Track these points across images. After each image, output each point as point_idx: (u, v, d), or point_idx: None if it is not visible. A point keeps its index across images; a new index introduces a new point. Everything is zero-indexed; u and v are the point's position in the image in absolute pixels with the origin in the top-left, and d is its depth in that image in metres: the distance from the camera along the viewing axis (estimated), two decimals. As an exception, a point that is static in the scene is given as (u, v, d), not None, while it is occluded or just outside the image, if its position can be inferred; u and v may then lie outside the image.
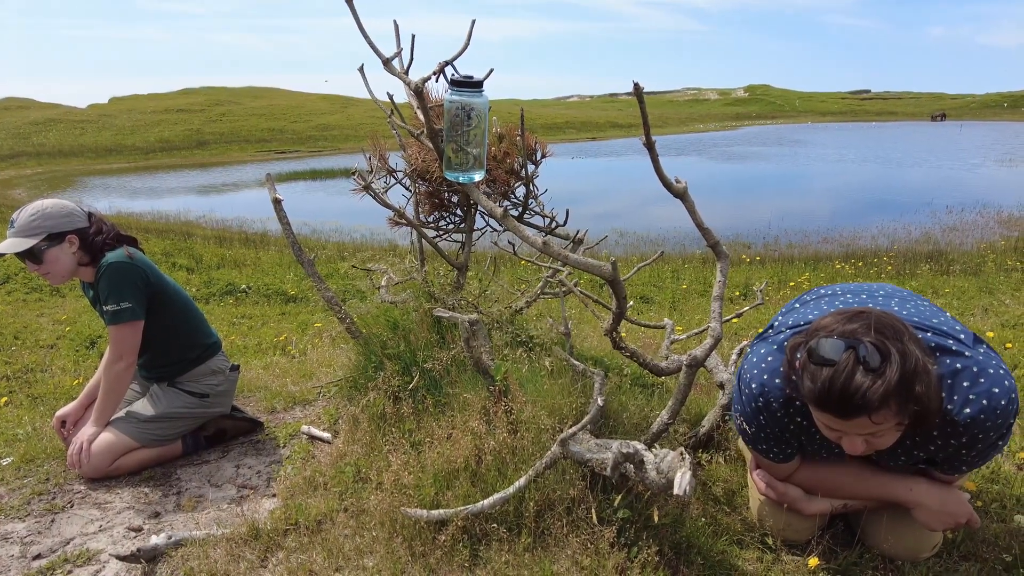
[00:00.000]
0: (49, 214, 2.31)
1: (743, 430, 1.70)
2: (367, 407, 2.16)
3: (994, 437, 1.44)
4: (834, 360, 1.29)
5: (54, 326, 5.69)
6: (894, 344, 1.29)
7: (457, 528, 1.57)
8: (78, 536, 2.08)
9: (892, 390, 1.25)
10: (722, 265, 2.00)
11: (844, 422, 1.33)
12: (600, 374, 1.94)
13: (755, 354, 1.65)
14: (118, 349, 2.38)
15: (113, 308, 2.33)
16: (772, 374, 1.57)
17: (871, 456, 1.67)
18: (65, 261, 2.34)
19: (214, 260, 8.22)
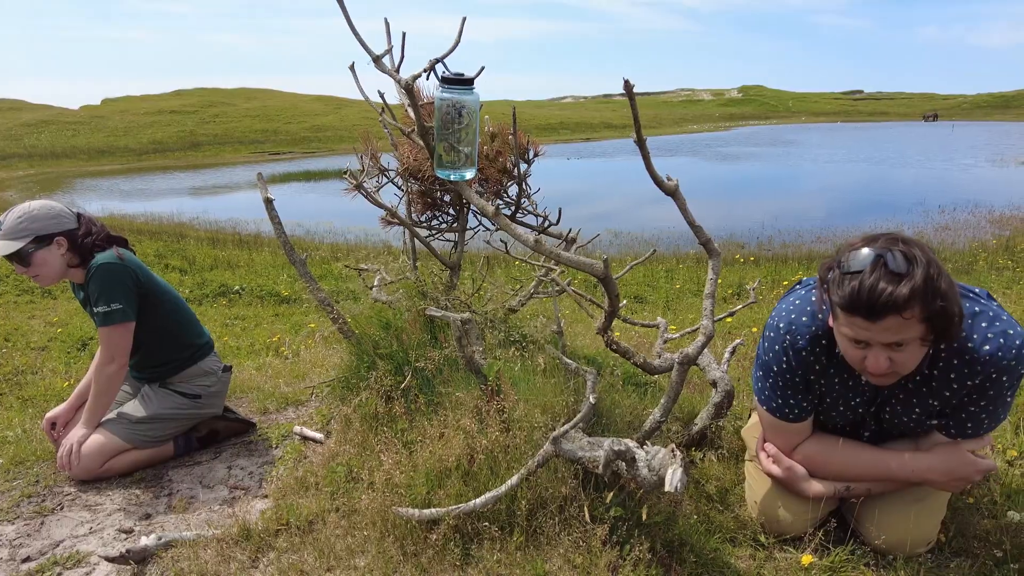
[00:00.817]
0: (36, 216, 2.29)
1: (762, 388, 1.78)
2: (359, 407, 2.15)
3: (1006, 383, 1.52)
4: (864, 268, 1.39)
5: (45, 328, 5.65)
6: (920, 252, 1.39)
7: (449, 527, 1.57)
8: (68, 538, 2.06)
9: (918, 288, 1.34)
10: (714, 263, 2.00)
11: (873, 325, 1.40)
12: (592, 372, 1.94)
13: (783, 301, 1.76)
14: (109, 351, 2.36)
15: (104, 309, 2.31)
16: (800, 313, 1.67)
17: (881, 417, 1.73)
18: (53, 263, 2.32)
19: (207, 261, 8.19)
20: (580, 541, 1.58)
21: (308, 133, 46.65)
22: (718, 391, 2.33)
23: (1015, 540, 1.77)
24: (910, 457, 1.69)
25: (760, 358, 1.81)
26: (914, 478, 1.69)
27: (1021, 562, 1.69)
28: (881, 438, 1.80)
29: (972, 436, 1.64)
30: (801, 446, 1.82)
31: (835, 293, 1.44)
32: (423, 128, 1.69)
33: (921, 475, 1.67)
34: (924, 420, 1.67)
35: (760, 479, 1.93)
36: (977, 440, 1.65)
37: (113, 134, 43.62)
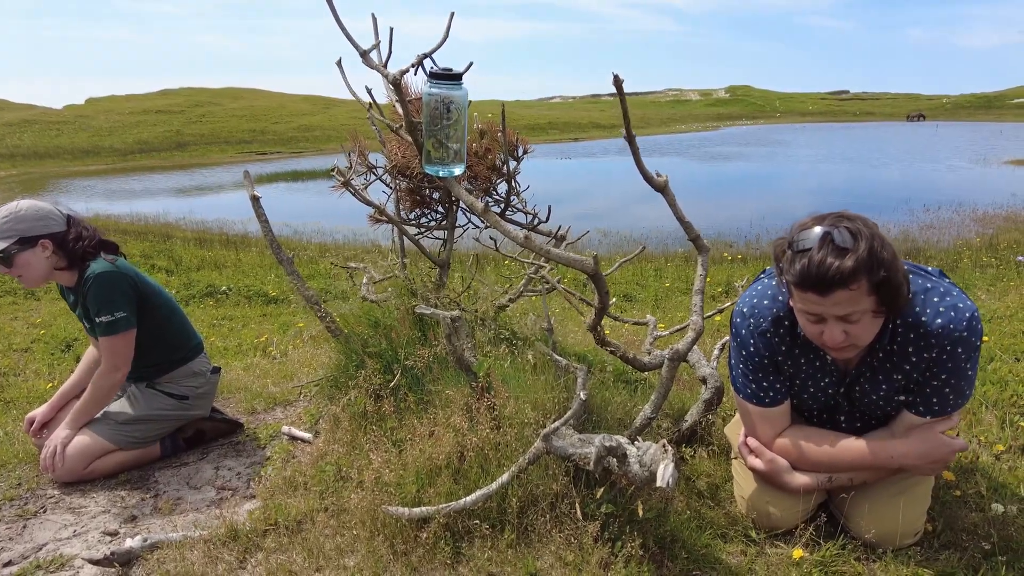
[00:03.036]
0: (22, 217, 2.24)
1: (735, 376, 1.84)
2: (348, 406, 2.13)
3: (962, 355, 1.58)
4: (812, 245, 1.45)
5: (28, 329, 5.57)
6: (864, 227, 1.47)
7: (440, 525, 1.55)
8: (51, 542, 2.03)
9: (863, 260, 1.41)
10: (703, 259, 2.00)
11: (824, 299, 1.46)
12: (583, 369, 1.93)
13: (748, 289, 1.84)
14: (114, 360, 2.34)
15: (107, 319, 2.28)
16: (761, 297, 1.75)
17: (852, 396, 1.77)
18: (38, 266, 2.27)
19: (194, 262, 8.11)
20: (572, 538, 1.57)
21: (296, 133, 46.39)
22: (708, 387, 2.33)
23: (1002, 532, 1.78)
24: (887, 443, 1.72)
25: (730, 347, 1.88)
26: (892, 464, 1.71)
27: (1008, 554, 1.70)
28: (856, 423, 1.82)
29: (940, 414, 1.68)
30: (780, 437, 1.84)
31: (788, 272, 1.51)
32: (411, 124, 1.68)
33: (899, 460, 1.70)
34: (892, 396, 1.72)
35: (746, 475, 1.94)
36: (946, 420, 1.68)
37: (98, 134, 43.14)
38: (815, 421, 1.89)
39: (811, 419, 1.89)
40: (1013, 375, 2.99)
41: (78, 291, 2.37)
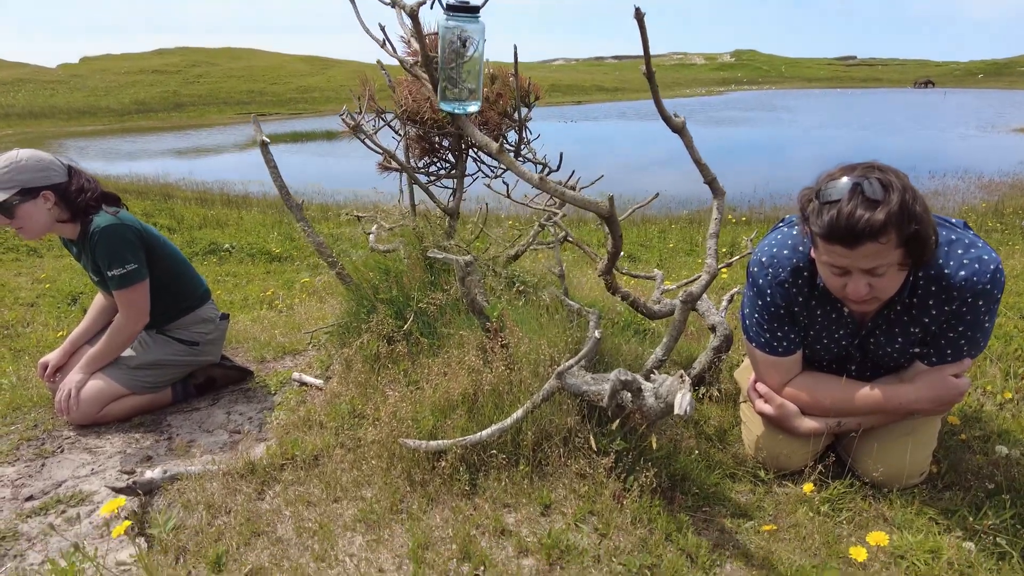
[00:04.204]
0: (23, 167, 2.21)
1: (749, 325, 1.83)
2: (360, 349, 2.14)
3: (983, 307, 1.57)
4: (841, 197, 1.42)
5: (33, 284, 5.57)
6: (896, 178, 1.43)
7: (456, 457, 1.58)
8: (70, 479, 2.06)
9: (894, 213, 1.38)
10: (718, 202, 1.99)
11: (851, 252, 1.44)
12: (595, 312, 1.94)
13: (765, 238, 1.80)
14: (131, 311, 2.35)
15: (119, 272, 2.28)
16: (781, 247, 1.72)
17: (866, 348, 1.77)
18: (39, 218, 2.25)
19: (196, 220, 8.08)
20: (585, 472, 1.60)
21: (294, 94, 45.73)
22: (717, 335, 2.35)
23: (1007, 473, 1.81)
24: (897, 388, 1.73)
25: (746, 295, 1.87)
26: (903, 408, 1.73)
27: (1012, 493, 1.73)
28: (866, 372, 1.84)
29: (952, 361, 1.68)
30: (791, 384, 1.85)
31: (814, 223, 1.47)
32: (427, 58, 1.65)
33: (909, 404, 1.71)
34: (907, 349, 1.72)
35: (755, 419, 1.96)
36: (957, 364, 1.69)
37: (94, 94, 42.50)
38: (825, 370, 1.89)
39: (821, 368, 1.90)
40: (1018, 331, 3.01)
41: (83, 244, 2.36)
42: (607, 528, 1.47)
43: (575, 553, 1.39)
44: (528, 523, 1.49)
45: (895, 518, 1.66)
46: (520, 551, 1.41)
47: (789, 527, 1.63)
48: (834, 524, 1.64)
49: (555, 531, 1.42)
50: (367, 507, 1.54)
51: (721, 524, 1.64)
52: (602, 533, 1.46)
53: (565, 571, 1.35)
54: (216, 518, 1.59)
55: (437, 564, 1.36)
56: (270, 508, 1.61)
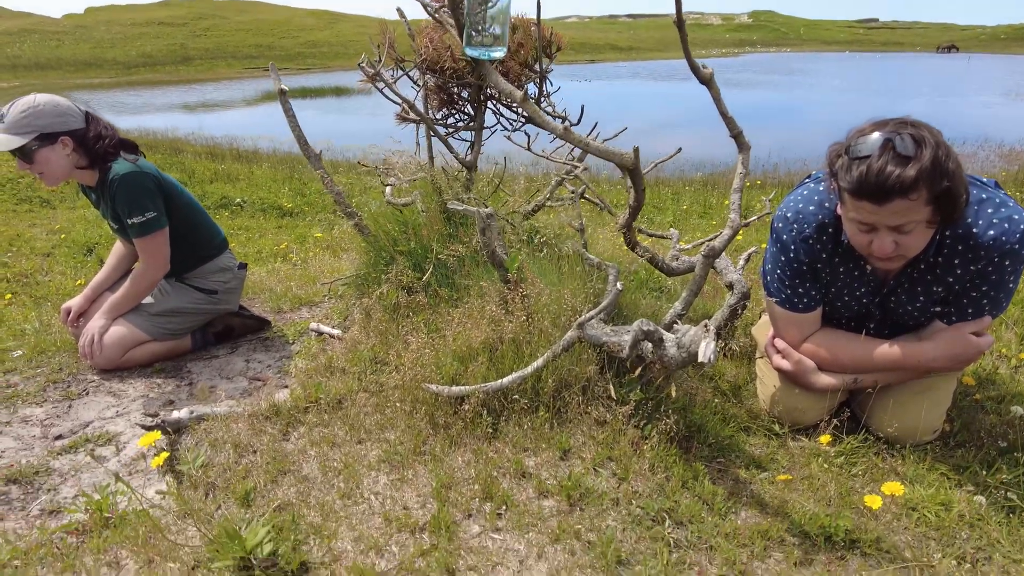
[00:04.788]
0: (42, 112, 2.20)
1: (771, 280, 1.84)
2: (380, 298, 2.16)
3: (1009, 267, 1.56)
4: (872, 152, 1.40)
5: (48, 236, 5.61)
6: (929, 134, 1.40)
7: (478, 402, 1.61)
8: (96, 420, 2.11)
9: (926, 170, 1.36)
10: (743, 157, 1.96)
11: (880, 208, 1.43)
12: (614, 267, 1.94)
13: (791, 194, 1.79)
14: (152, 259, 2.38)
15: (139, 220, 2.29)
16: (807, 202, 1.71)
17: (887, 306, 1.77)
18: (58, 163, 2.25)
19: (207, 174, 8.06)
20: (603, 419, 1.63)
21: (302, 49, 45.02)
22: (734, 293, 2.34)
23: (1021, 432, 1.83)
24: (916, 345, 1.74)
25: (769, 250, 1.87)
26: (921, 365, 1.74)
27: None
28: (884, 331, 1.84)
29: (972, 319, 1.68)
30: (810, 340, 1.86)
31: (843, 179, 1.47)
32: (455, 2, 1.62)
33: (928, 362, 1.72)
34: (928, 308, 1.72)
35: (771, 375, 1.98)
36: (977, 322, 1.68)
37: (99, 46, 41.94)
38: (843, 328, 1.90)
39: (839, 326, 1.91)
40: (1034, 296, 2.99)
41: (101, 191, 2.37)
42: (626, 473, 1.50)
43: (594, 496, 1.42)
44: (548, 467, 1.53)
45: (907, 473, 1.69)
46: (540, 493, 1.45)
47: (803, 478, 1.66)
48: (847, 477, 1.67)
49: (575, 474, 1.46)
50: (391, 448, 1.58)
51: (736, 474, 1.67)
52: (621, 478, 1.50)
53: (584, 512, 1.38)
54: (243, 457, 1.63)
55: (460, 503, 1.40)
56: (295, 448, 1.65)
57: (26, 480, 1.78)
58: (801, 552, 1.37)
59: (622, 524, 1.36)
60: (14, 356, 2.57)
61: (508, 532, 1.33)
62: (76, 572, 1.33)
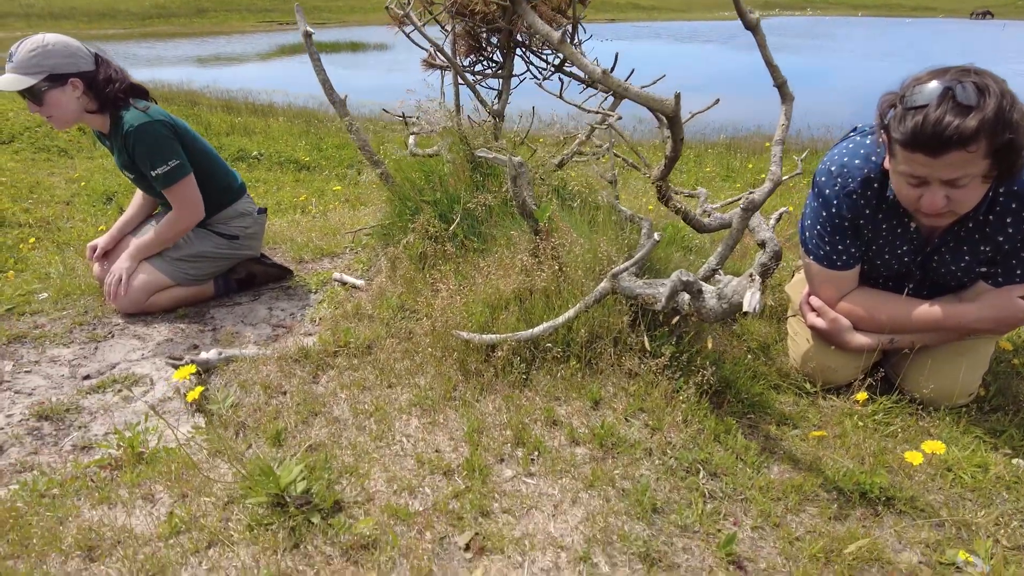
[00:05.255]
0: (50, 52, 2.15)
1: (810, 236, 1.79)
2: (407, 248, 2.13)
3: None
4: (929, 102, 1.33)
5: (67, 184, 5.61)
6: (993, 83, 1.33)
7: (509, 350, 1.59)
8: (122, 362, 2.12)
9: (988, 120, 1.29)
10: (786, 108, 1.89)
11: (934, 161, 1.37)
12: (647, 220, 1.90)
13: (835, 147, 1.73)
14: (184, 206, 2.36)
15: (164, 170, 2.27)
16: (852, 156, 1.65)
17: (929, 266, 1.72)
18: (68, 106, 2.21)
19: (223, 127, 8.00)
20: (634, 371, 1.61)
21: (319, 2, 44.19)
22: (766, 251, 2.28)
23: (1060, 398, 1.79)
24: (958, 307, 1.69)
25: (809, 206, 1.81)
26: (963, 327, 1.69)
27: (1064, 416, 1.71)
28: (923, 292, 1.79)
29: (1021, 282, 1.63)
30: (846, 299, 1.82)
31: (896, 130, 1.40)
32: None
33: (970, 324, 1.68)
34: (973, 268, 1.67)
35: (804, 333, 1.94)
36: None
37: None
38: (881, 288, 1.85)
39: (876, 286, 1.86)
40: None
41: (114, 139, 2.34)
42: (659, 424, 1.48)
43: (626, 445, 1.41)
44: (579, 416, 1.51)
45: (941, 434, 1.66)
46: (572, 440, 1.43)
47: (834, 437, 1.64)
48: (881, 436, 1.64)
49: (607, 423, 1.44)
50: (421, 393, 1.57)
51: (766, 431, 1.65)
52: (654, 428, 1.48)
53: (617, 461, 1.37)
54: (272, 398, 1.63)
55: (492, 448, 1.39)
56: (325, 391, 1.64)
57: (57, 417, 1.79)
58: (836, 507, 1.36)
59: (656, 473, 1.35)
60: (40, 298, 2.58)
61: (541, 477, 1.32)
62: (112, 504, 1.34)
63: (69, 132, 7.18)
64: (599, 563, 1.11)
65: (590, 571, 1.10)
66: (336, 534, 1.16)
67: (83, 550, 1.19)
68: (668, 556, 1.15)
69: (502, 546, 1.14)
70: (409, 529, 1.18)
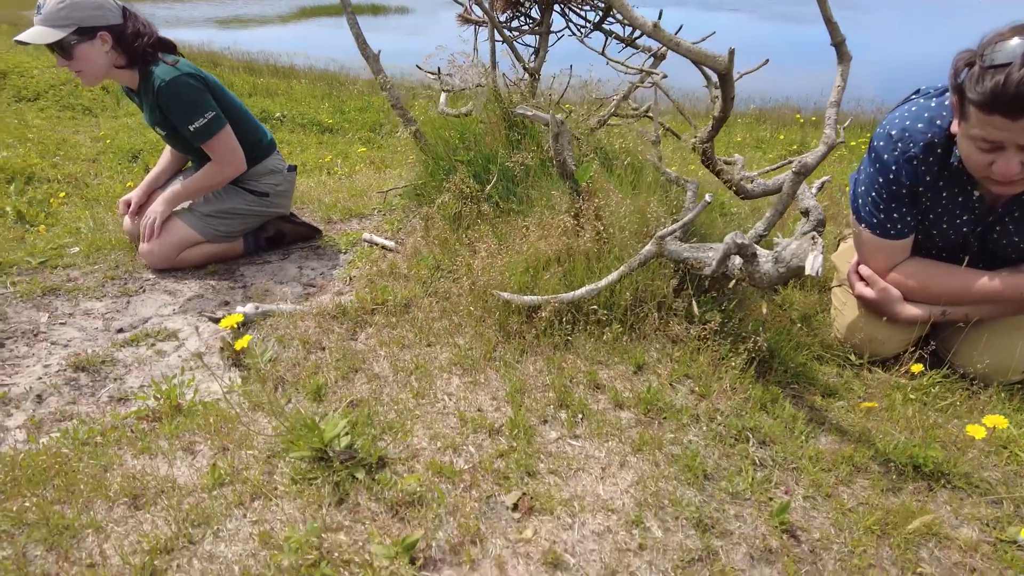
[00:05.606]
0: (79, 4, 2.10)
1: (863, 204, 1.71)
2: (441, 208, 2.08)
3: None
4: (1013, 60, 1.25)
5: (92, 143, 5.61)
6: None
7: (550, 312, 1.55)
8: (155, 316, 2.12)
9: None
10: (843, 68, 1.80)
11: (1014, 124, 1.30)
12: (694, 181, 1.83)
13: (896, 110, 1.65)
14: (224, 158, 2.34)
15: (201, 123, 2.24)
16: (916, 119, 1.57)
17: (988, 237, 1.65)
18: (97, 60, 2.17)
19: (245, 88, 7.93)
20: (679, 337, 1.56)
21: (337, -35, 43.39)
22: (810, 220, 2.21)
23: (1119, 377, 1.72)
24: (1020, 277, 1.61)
25: (864, 171, 1.73)
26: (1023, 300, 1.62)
27: (1124, 395, 1.65)
28: (979, 264, 1.72)
29: None
30: (897, 269, 1.75)
31: (972, 90, 1.32)
32: None
33: None
34: None
35: (850, 303, 1.88)
36: None
37: (132, -45, 40.93)
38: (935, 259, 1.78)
39: (930, 257, 1.78)
40: None
41: (143, 95, 2.31)
42: (706, 391, 1.44)
43: (672, 411, 1.38)
44: (622, 380, 1.48)
45: (994, 411, 1.61)
46: (616, 404, 1.40)
47: (882, 410, 1.59)
48: (931, 410, 1.59)
49: (653, 388, 1.40)
50: (461, 353, 1.54)
51: (811, 401, 1.61)
52: (700, 395, 1.44)
53: (664, 426, 1.34)
54: (311, 353, 1.61)
55: (535, 409, 1.37)
56: (365, 348, 1.62)
57: (93, 368, 1.79)
58: (888, 480, 1.32)
59: (704, 440, 1.31)
60: (71, 252, 2.58)
61: (587, 439, 1.29)
62: (152, 454, 1.33)
63: (93, 91, 7.16)
64: (652, 527, 1.09)
65: (643, 535, 1.07)
66: (381, 490, 1.14)
67: (128, 497, 1.19)
68: (721, 523, 1.12)
69: (551, 507, 1.12)
70: (454, 487, 1.16)
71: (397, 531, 1.07)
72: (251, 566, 1.03)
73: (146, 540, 1.09)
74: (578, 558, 1.03)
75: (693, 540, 1.08)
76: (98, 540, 1.09)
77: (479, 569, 1.01)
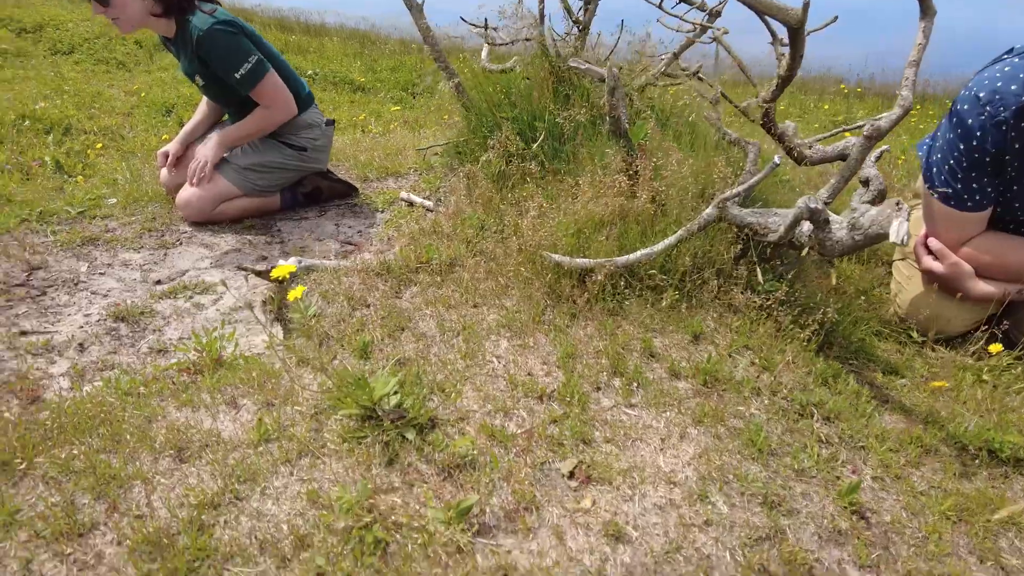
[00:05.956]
0: None
1: (939, 172, 1.60)
2: (485, 166, 2.01)
3: None
4: None
5: (126, 97, 5.58)
6: None
7: (605, 276, 1.48)
8: (192, 269, 2.09)
9: None
10: (925, 24, 1.68)
11: None
12: (755, 143, 1.73)
13: (984, 71, 1.53)
14: (274, 103, 2.31)
15: (245, 71, 2.20)
16: (1009, 81, 1.45)
17: None
18: (134, 8, 2.12)
19: (277, 44, 7.81)
20: (738, 306, 1.49)
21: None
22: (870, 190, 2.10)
23: None
24: None
25: (942, 137, 1.60)
26: None
27: None
28: None
29: None
30: (969, 244, 1.64)
31: None
32: None
33: None
34: None
35: (915, 278, 1.78)
36: None
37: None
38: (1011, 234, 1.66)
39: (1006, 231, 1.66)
40: None
41: (180, 45, 2.25)
42: (767, 363, 1.38)
43: (732, 383, 1.31)
44: (677, 349, 1.41)
45: (1071, 397, 1.51)
46: (673, 374, 1.34)
47: (949, 391, 1.51)
48: (1002, 392, 1.51)
49: (712, 359, 1.34)
50: (509, 315, 1.49)
51: (872, 378, 1.53)
52: (762, 367, 1.37)
53: (724, 398, 1.27)
54: (356, 310, 1.57)
55: (588, 375, 1.31)
56: (410, 306, 1.57)
57: (133, 319, 1.78)
58: (960, 464, 1.25)
59: (767, 414, 1.25)
60: (109, 203, 2.56)
61: (643, 409, 1.24)
62: (195, 407, 1.31)
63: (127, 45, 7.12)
64: (717, 502, 1.03)
65: (708, 510, 1.02)
66: (432, 452, 1.10)
67: (174, 450, 1.17)
68: (787, 501, 1.07)
69: (609, 477, 1.07)
70: (507, 452, 1.12)
71: (449, 495, 1.03)
72: (300, 525, 1.00)
73: (192, 494, 1.06)
74: (640, 531, 0.98)
75: (760, 517, 1.03)
76: (145, 491, 1.07)
77: (536, 538, 0.97)
